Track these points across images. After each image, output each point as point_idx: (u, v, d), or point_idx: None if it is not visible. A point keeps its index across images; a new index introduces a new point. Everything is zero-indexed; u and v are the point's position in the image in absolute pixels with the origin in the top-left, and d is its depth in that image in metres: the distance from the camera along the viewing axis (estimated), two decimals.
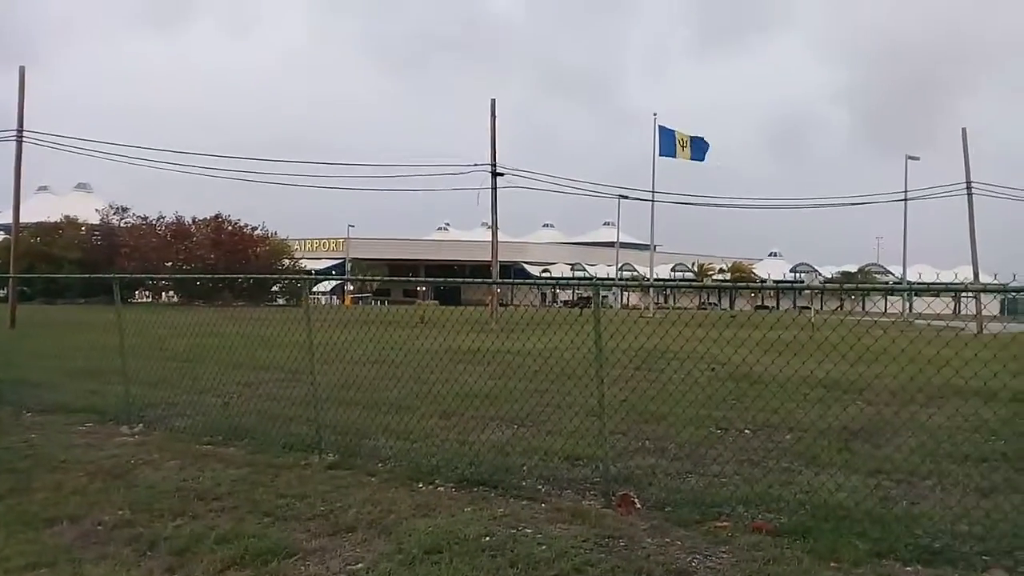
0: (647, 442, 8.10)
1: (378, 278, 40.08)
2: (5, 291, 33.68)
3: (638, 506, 5.85)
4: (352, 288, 55.44)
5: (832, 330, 8.10)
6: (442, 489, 6.39)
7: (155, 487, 6.33)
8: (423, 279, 42.30)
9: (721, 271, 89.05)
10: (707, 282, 68.10)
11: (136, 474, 6.79)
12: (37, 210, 63.07)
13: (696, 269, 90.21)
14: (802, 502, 5.84)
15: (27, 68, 31.48)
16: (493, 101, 37.59)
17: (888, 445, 8.00)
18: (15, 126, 31.64)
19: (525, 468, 6.92)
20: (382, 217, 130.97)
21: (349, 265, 71.83)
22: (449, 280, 65.03)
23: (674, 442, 7.96)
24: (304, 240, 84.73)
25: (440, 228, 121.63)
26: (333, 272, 71.42)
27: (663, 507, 5.86)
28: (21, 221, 34.60)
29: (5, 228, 67.04)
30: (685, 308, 44.60)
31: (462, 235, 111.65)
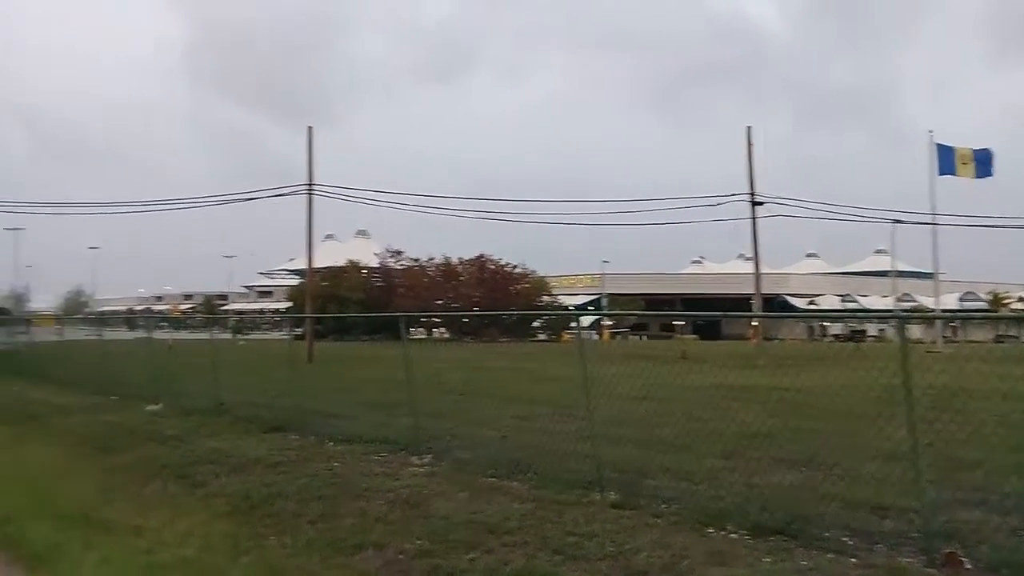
0: (964, 493, 7.17)
1: (637, 312, 40.11)
2: (302, 329, 37.34)
3: (967, 567, 5.15)
4: (610, 323, 55.96)
5: None
6: (735, 536, 6.03)
7: (449, 518, 6.53)
8: (683, 312, 41.72)
9: (1021, 299, 79.50)
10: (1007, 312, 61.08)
11: (430, 504, 7.06)
12: (325, 256, 69.86)
13: (990, 298, 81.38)
14: None
15: (316, 124, 35.19)
16: (748, 128, 36.49)
17: None
18: (306, 181, 35.31)
19: (826, 517, 6.36)
20: (636, 252, 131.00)
21: (605, 300, 72.45)
22: (711, 314, 63.51)
23: (999, 494, 6.98)
24: (561, 276, 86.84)
25: (695, 261, 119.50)
26: (591, 307, 72.48)
27: (997, 569, 5.12)
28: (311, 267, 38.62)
29: (299, 273, 74.99)
30: (980, 342, 40.00)
31: (718, 268, 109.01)
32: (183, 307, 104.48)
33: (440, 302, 62.08)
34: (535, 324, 61.18)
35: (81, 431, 11.70)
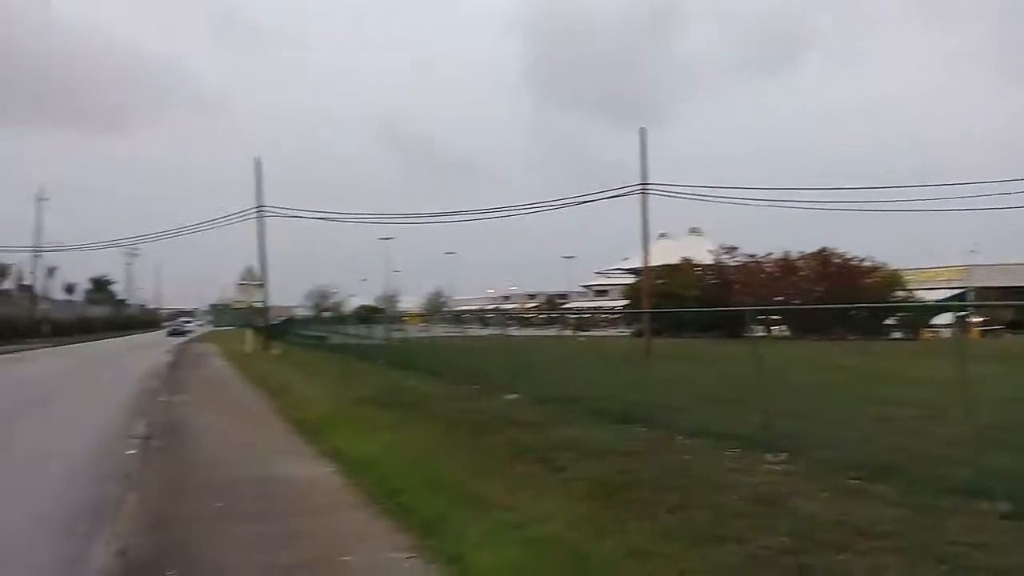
0: None
1: (1007, 302, 35.41)
2: (637, 327, 37.96)
3: None
4: (980, 319, 49.90)
5: None
6: None
7: (812, 518, 6.27)
8: None
9: None
10: None
11: (790, 503, 6.82)
12: (659, 255, 70.30)
13: None
14: None
15: (647, 123, 35.68)
16: None
17: None
18: (639, 181, 35.81)
19: None
20: (1011, 238, 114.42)
21: (972, 294, 64.81)
22: None
23: None
24: (917, 270, 79.43)
25: None
26: (954, 302, 65.33)
27: None
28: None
29: (633, 272, 76.39)
30: None
31: None
32: (528, 306, 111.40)
33: (780, 299, 59.66)
34: (889, 321, 56.39)
35: (452, 417, 12.91)
